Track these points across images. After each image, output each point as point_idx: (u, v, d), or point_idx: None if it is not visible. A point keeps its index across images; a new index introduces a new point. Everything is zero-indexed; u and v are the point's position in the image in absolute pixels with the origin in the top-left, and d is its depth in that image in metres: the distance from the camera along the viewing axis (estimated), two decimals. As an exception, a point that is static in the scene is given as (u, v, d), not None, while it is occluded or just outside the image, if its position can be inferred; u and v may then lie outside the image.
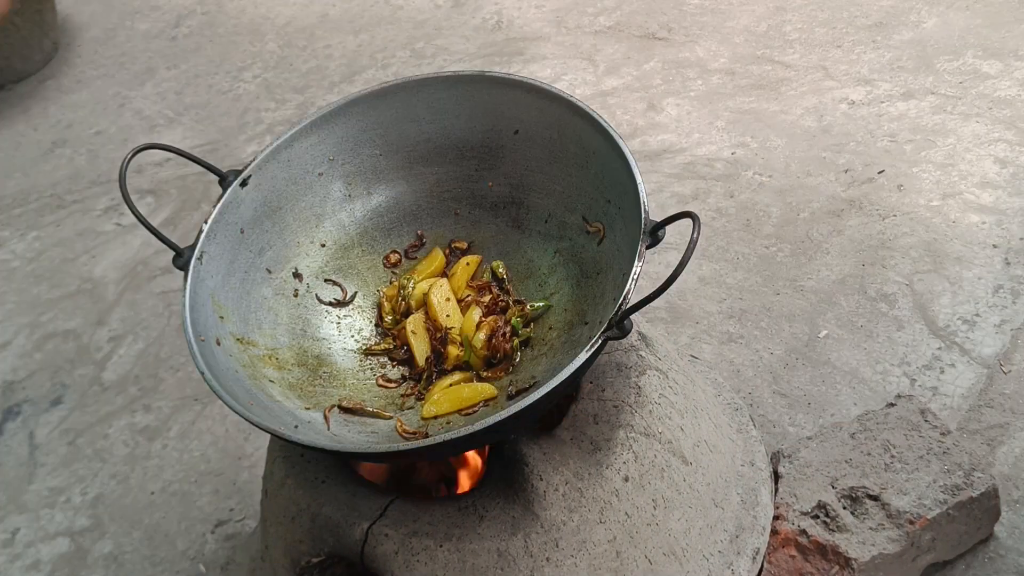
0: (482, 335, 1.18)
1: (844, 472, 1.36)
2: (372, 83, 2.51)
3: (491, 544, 1.08)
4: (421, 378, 1.20)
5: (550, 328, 1.20)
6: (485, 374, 1.18)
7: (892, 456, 1.37)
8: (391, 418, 1.14)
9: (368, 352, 1.24)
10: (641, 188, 1.03)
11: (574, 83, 2.64)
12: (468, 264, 1.28)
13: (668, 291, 0.89)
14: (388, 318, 1.26)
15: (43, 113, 3.07)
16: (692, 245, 0.87)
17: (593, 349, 0.94)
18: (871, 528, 1.29)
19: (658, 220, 0.98)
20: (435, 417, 1.14)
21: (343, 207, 1.30)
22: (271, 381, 1.14)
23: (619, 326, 0.93)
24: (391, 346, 1.24)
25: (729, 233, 2.04)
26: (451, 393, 1.15)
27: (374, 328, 1.27)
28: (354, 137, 1.27)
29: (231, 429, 1.87)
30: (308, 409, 1.14)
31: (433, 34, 3.03)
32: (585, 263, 1.20)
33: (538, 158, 1.24)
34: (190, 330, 1.05)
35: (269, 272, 1.23)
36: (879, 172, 2.11)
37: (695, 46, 2.67)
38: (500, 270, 1.27)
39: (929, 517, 1.29)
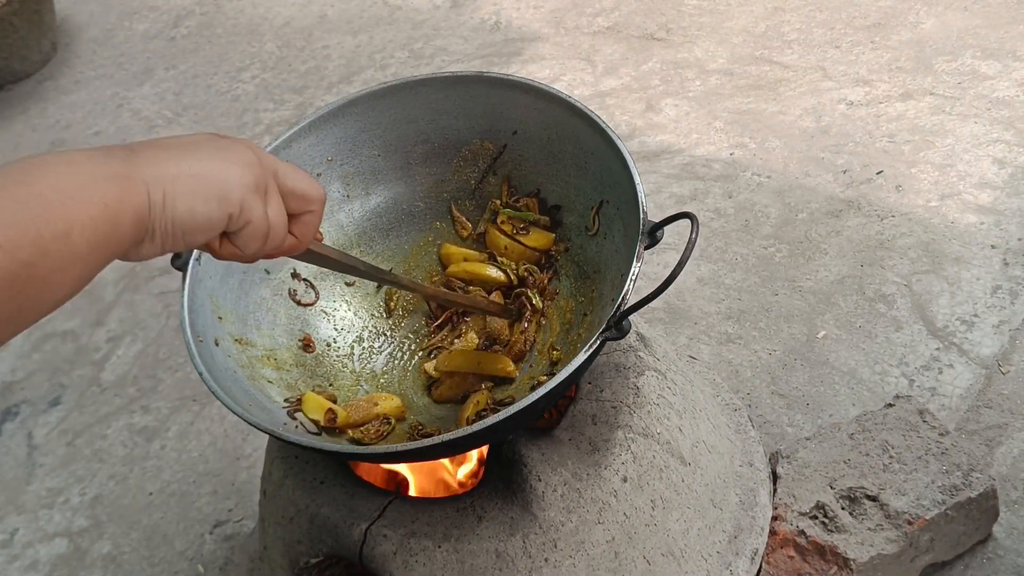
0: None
1: (842, 473, 1.36)
2: (370, 83, 2.50)
3: (489, 545, 1.08)
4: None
5: (549, 329, 1.20)
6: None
7: (890, 457, 1.37)
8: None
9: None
10: (639, 188, 1.03)
11: (572, 84, 2.64)
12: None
13: (666, 292, 0.89)
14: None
15: (42, 114, 3.07)
16: (690, 245, 0.87)
17: (591, 350, 0.94)
18: (869, 529, 1.29)
19: (656, 221, 0.98)
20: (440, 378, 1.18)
21: (341, 208, 1.30)
22: (269, 382, 1.14)
23: (617, 327, 0.93)
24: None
25: (727, 234, 2.05)
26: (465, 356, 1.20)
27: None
28: (352, 138, 1.27)
29: (229, 430, 1.87)
30: (306, 410, 1.14)
31: (431, 34, 3.03)
32: (583, 263, 1.20)
33: (536, 159, 1.24)
34: (188, 331, 1.05)
35: (268, 273, 1.23)
36: (877, 173, 2.11)
37: (693, 47, 2.67)
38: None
39: (927, 518, 1.29)
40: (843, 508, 1.32)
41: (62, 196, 0.58)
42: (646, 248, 0.98)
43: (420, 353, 1.26)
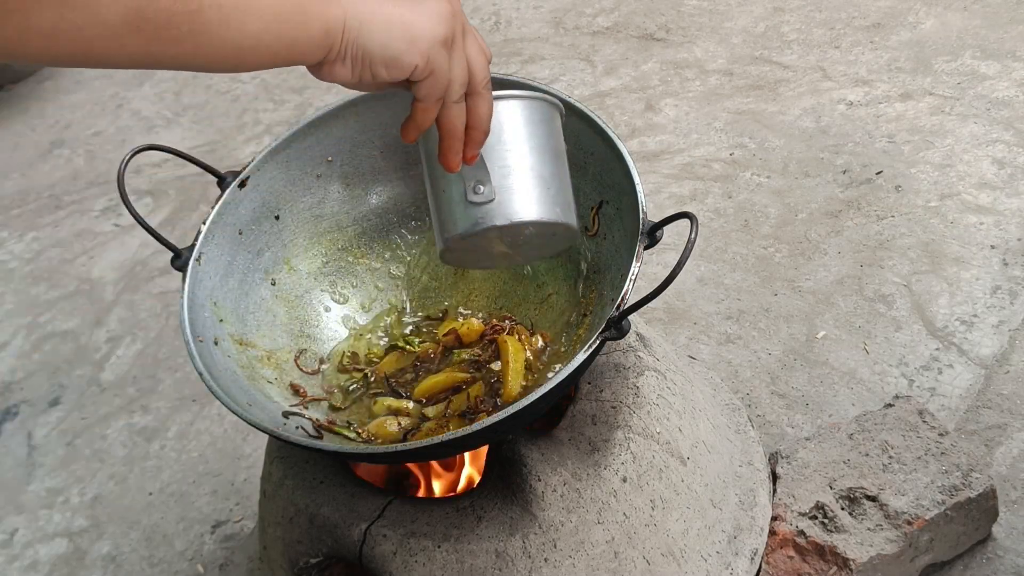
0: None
1: (842, 473, 1.36)
2: (370, 84, 2.50)
3: (489, 545, 1.08)
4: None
5: (548, 328, 1.20)
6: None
7: (890, 457, 1.37)
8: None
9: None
10: (639, 189, 1.03)
11: (572, 84, 2.64)
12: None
13: (666, 292, 0.89)
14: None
15: (41, 114, 3.07)
16: (690, 245, 0.87)
17: (591, 350, 0.94)
18: (869, 529, 1.30)
19: (656, 221, 0.99)
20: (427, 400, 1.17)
21: (341, 208, 1.30)
22: (270, 382, 1.14)
23: (617, 327, 0.93)
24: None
25: (727, 234, 2.05)
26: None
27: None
28: (352, 138, 1.27)
29: (229, 430, 1.87)
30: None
31: (431, 35, 3.03)
32: (583, 263, 1.20)
33: (536, 159, 1.24)
34: (188, 331, 1.05)
35: (267, 273, 1.23)
36: (877, 173, 2.11)
37: (693, 47, 2.68)
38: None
39: (927, 518, 1.29)
40: (843, 508, 1.33)
41: None
42: (646, 248, 0.98)
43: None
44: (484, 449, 1.19)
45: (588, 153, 1.16)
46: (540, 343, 1.19)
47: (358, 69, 0.72)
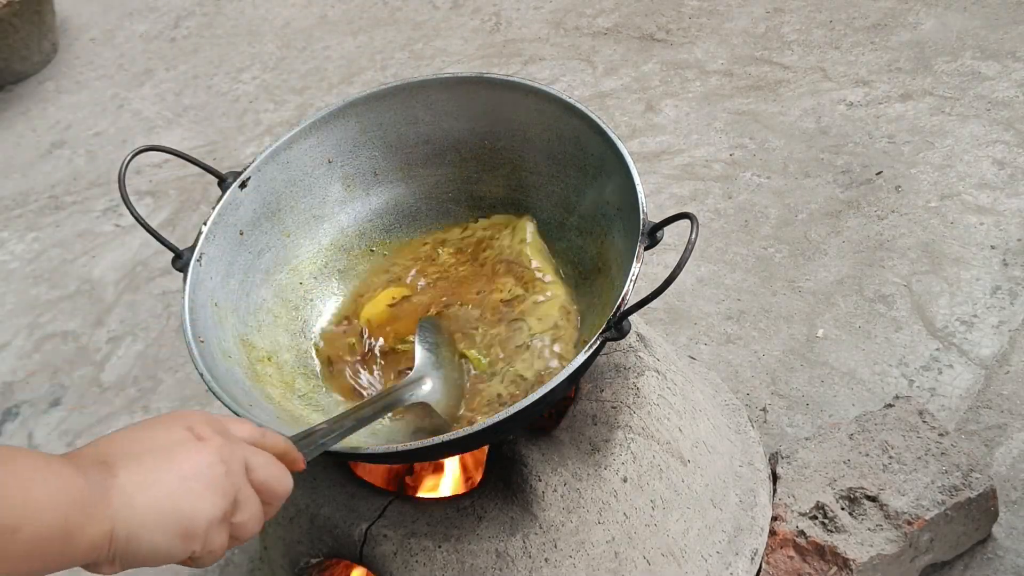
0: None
1: (842, 473, 1.36)
2: (371, 84, 2.51)
3: (490, 545, 1.08)
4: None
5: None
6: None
7: (890, 457, 1.37)
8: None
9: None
10: (639, 189, 1.04)
11: (572, 84, 2.64)
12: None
13: (666, 292, 0.89)
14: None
15: (42, 114, 3.07)
16: (690, 246, 0.87)
17: (592, 350, 0.94)
18: (869, 529, 1.30)
19: (656, 221, 0.99)
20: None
21: (342, 209, 1.30)
22: (271, 383, 1.15)
23: (617, 327, 0.94)
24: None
25: (727, 234, 2.05)
26: None
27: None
28: (353, 139, 1.27)
29: (230, 430, 1.87)
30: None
31: (432, 35, 3.03)
32: (583, 263, 1.20)
33: (536, 160, 1.24)
34: (189, 332, 1.05)
35: (268, 274, 1.23)
36: (877, 173, 2.11)
37: (693, 47, 2.68)
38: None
39: (927, 518, 1.29)
40: (843, 508, 1.33)
41: (23, 494, 0.58)
42: (646, 249, 0.99)
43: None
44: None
45: (588, 154, 1.16)
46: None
47: (127, 566, 0.66)
